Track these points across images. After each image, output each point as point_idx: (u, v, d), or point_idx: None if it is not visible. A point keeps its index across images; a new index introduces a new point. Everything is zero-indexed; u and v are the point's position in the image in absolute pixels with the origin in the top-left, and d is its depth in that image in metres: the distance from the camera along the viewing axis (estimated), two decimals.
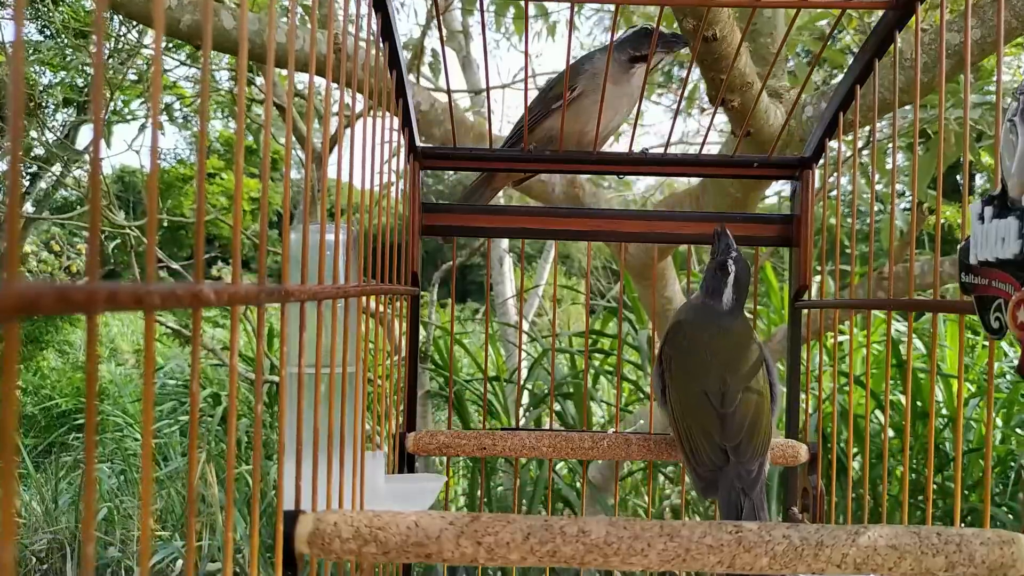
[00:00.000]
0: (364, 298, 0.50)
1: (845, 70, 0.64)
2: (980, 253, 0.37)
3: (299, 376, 0.40)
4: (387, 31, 0.58)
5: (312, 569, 0.39)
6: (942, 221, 1.82)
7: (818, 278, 0.75)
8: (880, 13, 0.57)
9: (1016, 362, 0.37)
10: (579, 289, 3.49)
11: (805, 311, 0.75)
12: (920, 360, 2.28)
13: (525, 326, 2.97)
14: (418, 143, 0.74)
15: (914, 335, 2.35)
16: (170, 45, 2.53)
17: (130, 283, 0.18)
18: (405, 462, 0.72)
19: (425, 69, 2.64)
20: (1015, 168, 0.35)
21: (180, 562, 2.38)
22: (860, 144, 1.44)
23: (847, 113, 0.65)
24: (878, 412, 2.16)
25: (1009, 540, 0.35)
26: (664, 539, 0.36)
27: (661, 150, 0.77)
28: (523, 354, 2.62)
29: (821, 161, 0.74)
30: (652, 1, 0.59)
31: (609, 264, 3.69)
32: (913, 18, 0.54)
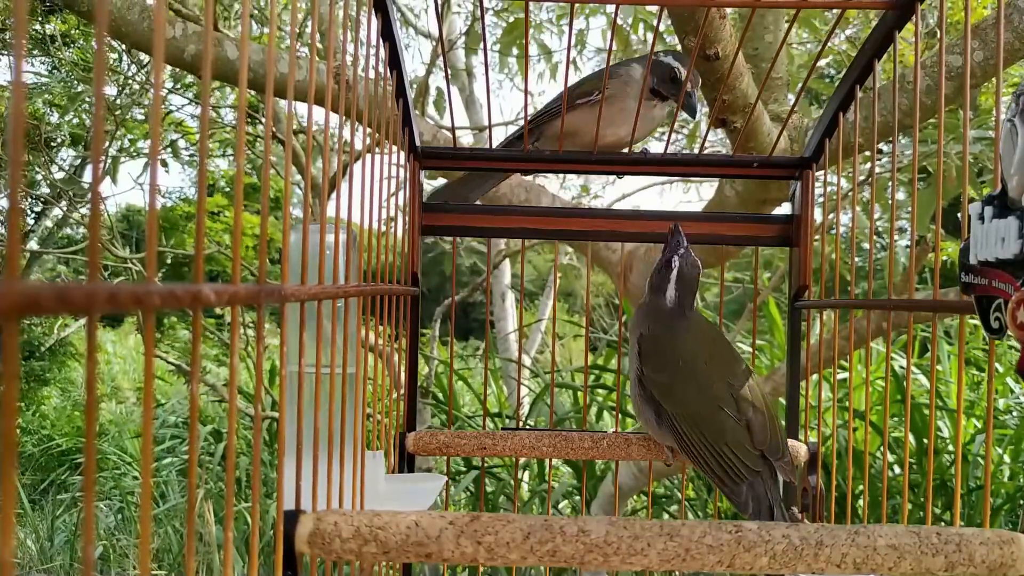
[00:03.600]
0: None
1: (845, 71, 0.64)
2: (980, 253, 0.37)
3: (299, 376, 0.40)
4: (387, 32, 0.58)
5: (312, 569, 0.39)
6: (943, 257, 1.82)
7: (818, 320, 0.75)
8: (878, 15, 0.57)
9: (1016, 363, 0.37)
10: (581, 324, 3.50)
11: (804, 322, 0.75)
12: (923, 396, 2.25)
13: (528, 362, 2.96)
14: (418, 144, 0.74)
15: (916, 369, 2.34)
16: (178, 84, 2.57)
17: (130, 284, 0.18)
18: (405, 462, 0.72)
19: (430, 109, 2.66)
20: (1015, 168, 0.35)
21: None
22: (860, 178, 1.44)
23: (847, 113, 0.65)
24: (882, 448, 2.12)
25: (1009, 540, 0.35)
26: (664, 539, 0.36)
27: (661, 151, 0.77)
28: (525, 390, 2.61)
29: (820, 173, 0.74)
30: (652, 1, 0.59)
31: (611, 299, 3.68)
32: (913, 19, 0.54)
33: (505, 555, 0.36)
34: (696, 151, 0.80)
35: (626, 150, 0.79)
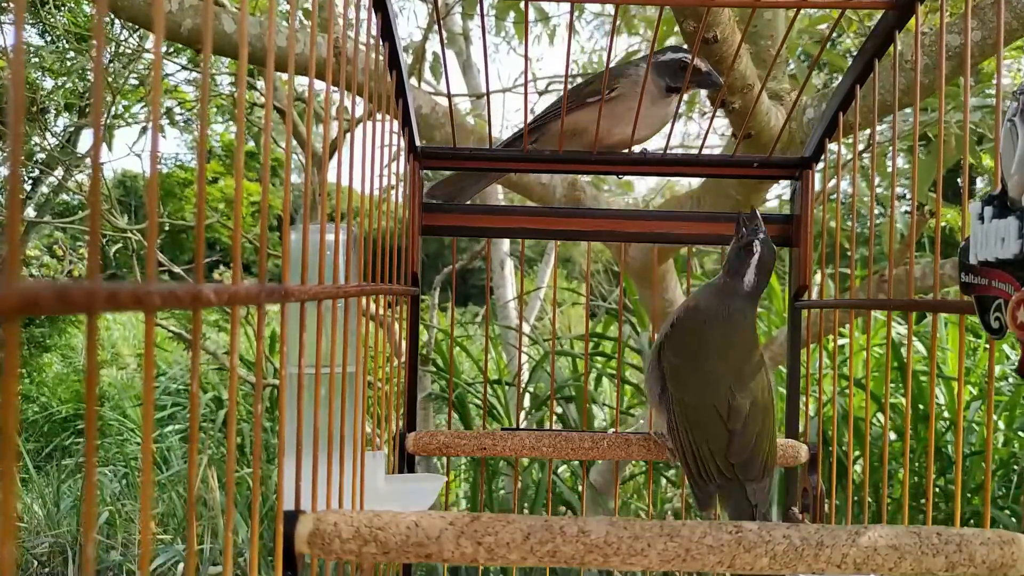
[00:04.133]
0: (364, 300, 0.50)
1: (845, 72, 0.64)
2: (980, 253, 0.37)
3: (299, 376, 0.40)
4: (387, 32, 0.58)
5: (312, 569, 0.39)
6: (942, 224, 1.82)
7: (818, 279, 0.75)
8: (879, 14, 0.57)
9: (1016, 363, 0.37)
10: (580, 292, 3.49)
11: (805, 312, 0.75)
12: (921, 362, 2.27)
13: (527, 329, 2.95)
14: (418, 143, 0.74)
15: (915, 337, 2.35)
16: (171, 50, 2.56)
17: (130, 283, 0.18)
18: (405, 462, 0.72)
19: (427, 74, 2.65)
20: (1015, 168, 0.35)
21: (181, 565, 2.38)
22: (860, 147, 1.44)
23: (847, 113, 0.65)
24: (880, 415, 2.15)
25: (1009, 540, 0.35)
26: (664, 539, 0.36)
27: (661, 151, 0.77)
28: (524, 357, 2.61)
29: (821, 164, 0.74)
30: (652, 1, 0.59)
31: (610, 267, 3.69)
32: (913, 18, 0.54)
33: (505, 555, 0.36)
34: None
35: (627, 149, 0.79)
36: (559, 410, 2.21)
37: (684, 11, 0.91)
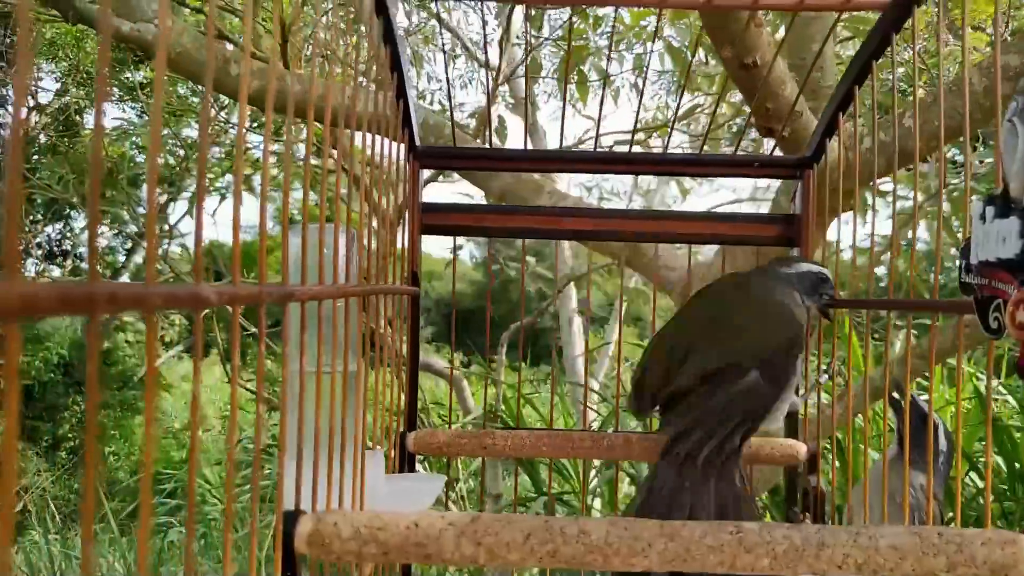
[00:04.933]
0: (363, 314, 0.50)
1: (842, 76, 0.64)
2: (981, 253, 0.37)
3: (299, 376, 0.40)
4: (388, 36, 0.58)
5: (312, 569, 0.39)
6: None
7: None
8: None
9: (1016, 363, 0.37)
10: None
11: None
12: (1015, 417, 2.16)
13: (596, 386, 2.96)
14: (418, 143, 0.74)
15: (1003, 389, 2.27)
16: (254, 124, 2.63)
17: (131, 284, 0.18)
18: (406, 462, 0.72)
19: (494, 139, 2.69)
20: (1016, 168, 0.35)
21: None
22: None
23: (845, 114, 0.65)
24: (972, 474, 2.04)
25: (1011, 540, 0.35)
26: (664, 539, 0.36)
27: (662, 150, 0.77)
28: (593, 415, 2.61)
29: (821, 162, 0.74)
30: (652, 3, 0.59)
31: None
32: (910, 19, 0.54)
33: (505, 556, 0.36)
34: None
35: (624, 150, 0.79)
36: (632, 471, 2.19)
37: (721, 38, 0.90)
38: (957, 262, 0.40)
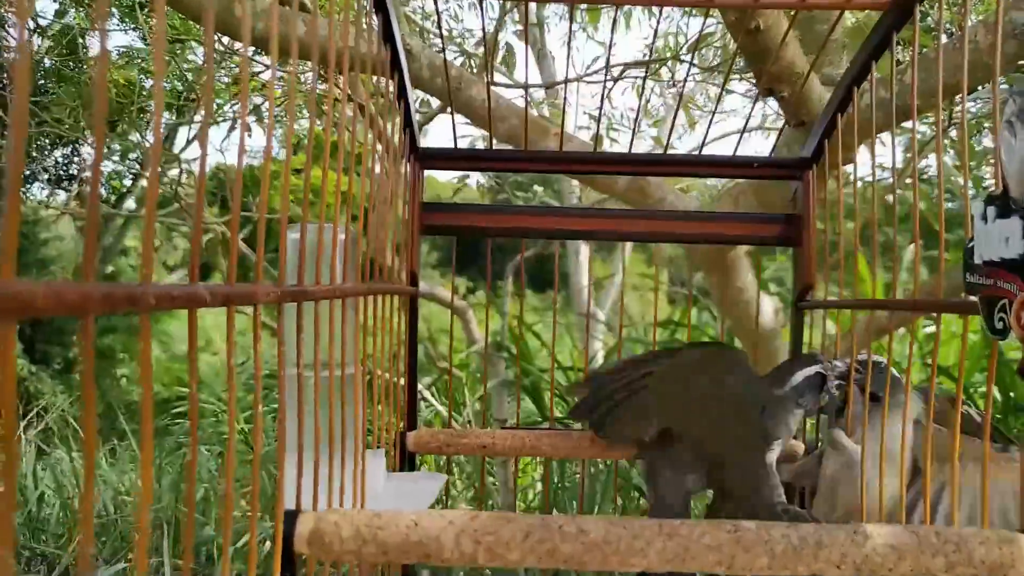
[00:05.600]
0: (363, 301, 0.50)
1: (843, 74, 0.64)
2: (984, 253, 0.37)
3: (299, 376, 0.40)
4: (388, 34, 0.58)
5: (311, 569, 0.39)
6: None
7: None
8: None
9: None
10: (657, 278, 3.41)
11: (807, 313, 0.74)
12: (1015, 352, 2.18)
13: (603, 316, 2.94)
14: (419, 144, 0.74)
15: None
16: (258, 50, 2.62)
17: (125, 284, 0.18)
18: (406, 461, 0.72)
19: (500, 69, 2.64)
20: (1015, 168, 0.35)
21: (268, 543, 2.44)
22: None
23: (844, 114, 0.65)
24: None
25: (1008, 540, 0.35)
26: (663, 538, 0.36)
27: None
28: (599, 344, 2.58)
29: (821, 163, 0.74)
30: (652, 2, 0.59)
31: (692, 251, 3.64)
32: (911, 19, 0.53)
33: (504, 555, 0.36)
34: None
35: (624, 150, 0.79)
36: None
37: (727, 2, 0.90)
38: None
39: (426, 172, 0.76)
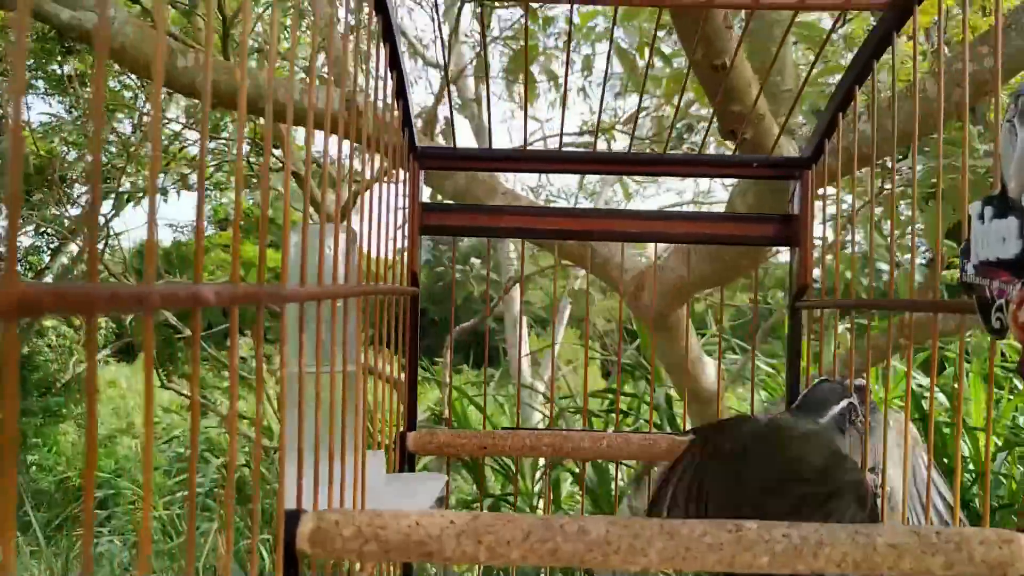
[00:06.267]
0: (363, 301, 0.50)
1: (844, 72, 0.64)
2: (981, 253, 0.37)
3: (299, 376, 0.40)
4: (388, 33, 0.58)
5: (312, 569, 0.39)
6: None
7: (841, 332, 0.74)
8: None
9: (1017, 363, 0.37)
10: (594, 349, 3.41)
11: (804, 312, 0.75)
12: (944, 415, 2.20)
13: (542, 388, 2.96)
14: (417, 144, 0.74)
15: (937, 389, 2.30)
16: (192, 120, 2.60)
17: (130, 284, 0.18)
18: (406, 461, 0.72)
19: (439, 139, 2.67)
20: (1014, 168, 0.35)
21: None
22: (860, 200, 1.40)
23: (845, 114, 0.65)
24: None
25: (1009, 539, 0.36)
26: (664, 538, 0.36)
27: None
28: (539, 416, 2.60)
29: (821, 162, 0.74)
30: (652, 3, 0.59)
31: (626, 324, 3.66)
32: (911, 19, 0.54)
33: (506, 554, 0.36)
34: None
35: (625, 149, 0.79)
36: (575, 468, 2.19)
37: (691, 37, 0.90)
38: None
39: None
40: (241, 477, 2.80)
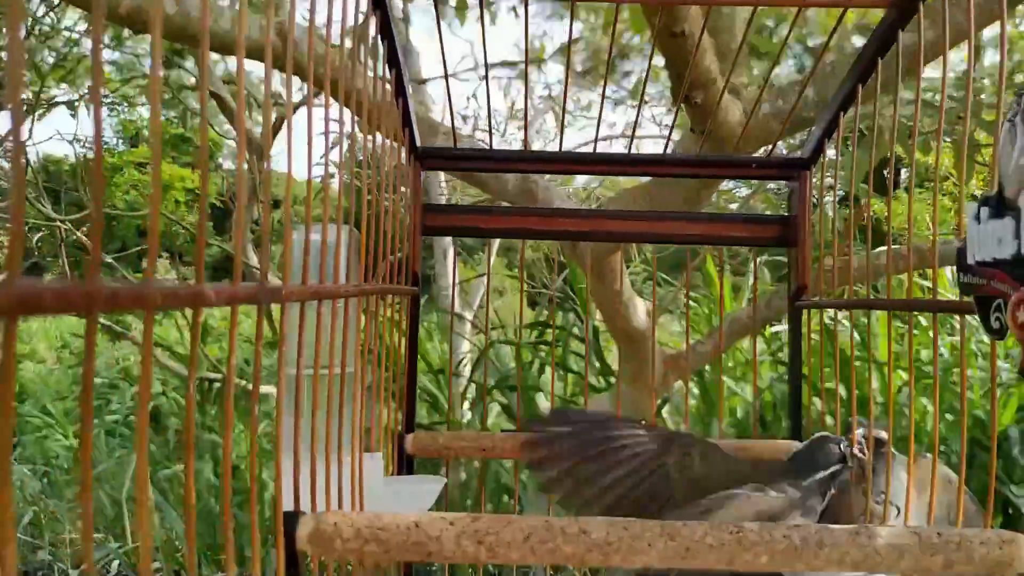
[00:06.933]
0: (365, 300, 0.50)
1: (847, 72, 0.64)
2: (978, 254, 0.37)
3: (298, 376, 0.40)
4: (386, 29, 0.58)
5: (313, 569, 0.39)
6: (872, 215, 1.80)
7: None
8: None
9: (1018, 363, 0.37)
10: (521, 279, 3.39)
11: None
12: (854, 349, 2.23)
13: (470, 317, 2.93)
14: (418, 144, 0.74)
15: (845, 323, 2.32)
16: (89, 27, 2.46)
17: (131, 283, 0.18)
18: (404, 463, 0.72)
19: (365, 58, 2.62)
20: (1012, 169, 0.35)
21: (116, 563, 2.35)
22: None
23: (846, 113, 0.65)
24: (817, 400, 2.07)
25: (1009, 539, 0.36)
26: (664, 538, 0.36)
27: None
28: (467, 346, 2.58)
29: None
30: (652, 2, 0.59)
31: (551, 255, 3.63)
32: (915, 16, 0.54)
33: (506, 555, 0.36)
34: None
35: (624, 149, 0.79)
36: (504, 400, 2.19)
37: (653, 6, 0.90)
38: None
39: None
40: (157, 405, 2.79)
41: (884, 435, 0.61)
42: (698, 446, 0.60)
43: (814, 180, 0.74)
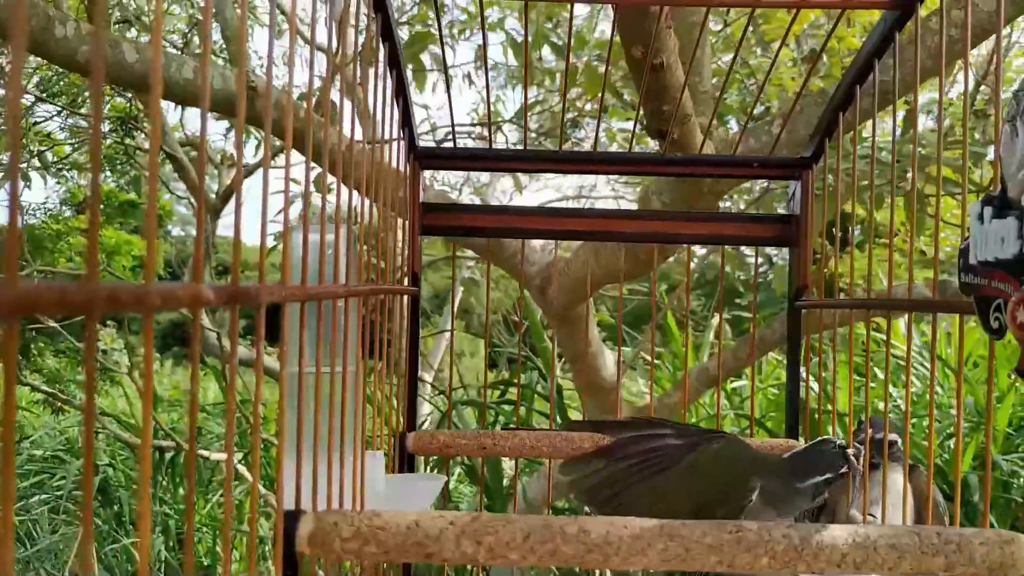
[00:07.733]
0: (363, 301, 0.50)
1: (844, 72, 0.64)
2: (980, 253, 0.37)
3: (299, 376, 0.40)
4: (387, 32, 0.58)
5: (312, 569, 0.39)
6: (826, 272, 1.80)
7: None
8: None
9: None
10: (480, 338, 3.35)
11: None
12: (814, 401, 2.21)
13: (430, 378, 2.89)
14: (418, 144, 0.74)
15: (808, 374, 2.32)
16: (45, 93, 2.45)
17: (130, 284, 0.18)
18: (405, 462, 0.72)
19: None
20: (1015, 169, 0.35)
21: None
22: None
23: (846, 114, 0.65)
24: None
25: (1009, 540, 0.36)
26: (664, 539, 0.36)
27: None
28: (429, 407, 2.56)
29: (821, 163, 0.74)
30: (653, 1, 0.59)
31: (509, 316, 3.61)
32: (913, 18, 0.54)
33: (505, 555, 0.36)
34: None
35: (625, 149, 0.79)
36: (468, 462, 2.15)
37: (635, 37, 0.89)
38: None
39: None
40: (105, 477, 2.69)
41: (896, 439, 0.61)
42: (716, 442, 0.61)
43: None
